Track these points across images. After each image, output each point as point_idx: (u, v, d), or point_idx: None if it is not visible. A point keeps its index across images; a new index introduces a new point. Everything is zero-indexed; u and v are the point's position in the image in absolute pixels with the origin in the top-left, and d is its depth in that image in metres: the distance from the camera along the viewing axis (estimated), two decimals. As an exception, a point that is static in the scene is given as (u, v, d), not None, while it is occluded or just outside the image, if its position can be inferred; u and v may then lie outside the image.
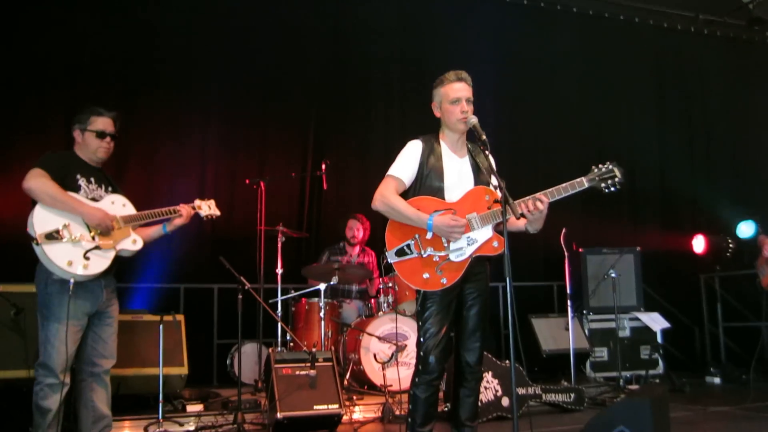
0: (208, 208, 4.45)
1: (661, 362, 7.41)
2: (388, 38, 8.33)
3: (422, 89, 8.17)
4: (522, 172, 8.25)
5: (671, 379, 6.97)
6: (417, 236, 3.58)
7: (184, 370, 5.63)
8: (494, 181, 3.55)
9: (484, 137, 3.50)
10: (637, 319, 7.45)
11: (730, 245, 8.29)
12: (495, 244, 3.59)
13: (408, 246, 3.59)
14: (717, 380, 7.44)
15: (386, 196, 3.64)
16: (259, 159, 7.34)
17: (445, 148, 3.78)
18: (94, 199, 3.98)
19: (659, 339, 7.46)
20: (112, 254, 3.94)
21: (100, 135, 4.06)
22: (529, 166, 8.58)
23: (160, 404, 4.97)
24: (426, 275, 3.55)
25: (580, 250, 7.51)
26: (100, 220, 3.87)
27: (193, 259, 7.25)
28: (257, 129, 7.50)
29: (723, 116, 9.84)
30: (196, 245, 7.22)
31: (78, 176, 3.97)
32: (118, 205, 4.08)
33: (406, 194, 3.73)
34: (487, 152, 3.52)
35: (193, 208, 4.36)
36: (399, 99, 8.38)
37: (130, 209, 4.12)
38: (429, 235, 3.57)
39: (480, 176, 3.74)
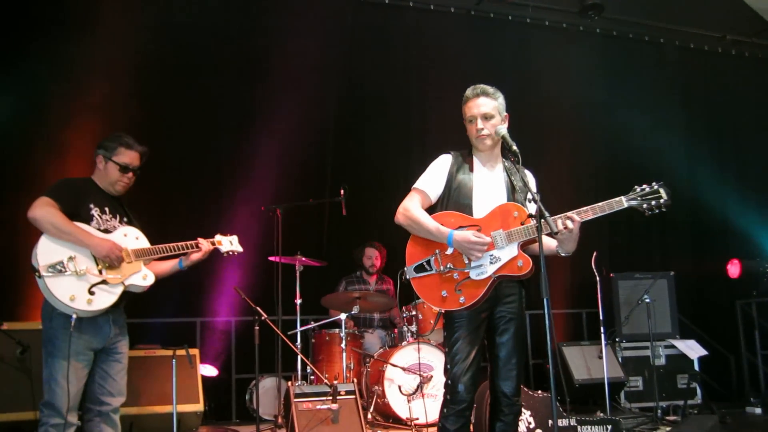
0: (229, 243, 4.28)
1: (699, 392, 7.06)
2: (405, 61, 8.17)
3: (441, 112, 8.21)
4: (546, 195, 7.97)
5: (711, 410, 6.61)
6: (437, 252, 3.43)
7: (199, 407, 5.37)
8: (529, 194, 3.33)
9: (515, 148, 3.29)
10: (673, 346, 7.12)
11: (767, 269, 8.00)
12: (520, 263, 3.36)
13: (428, 262, 3.45)
14: (758, 410, 7.04)
15: (408, 209, 3.53)
16: (275, 185, 7.13)
17: (477, 163, 3.63)
18: (106, 230, 3.80)
19: (696, 367, 7.11)
20: (119, 290, 3.73)
21: (124, 169, 3.91)
22: (554, 189, 8.32)
23: (175, 443, 4.76)
24: (444, 293, 3.38)
25: (611, 275, 7.21)
26: (108, 251, 3.68)
27: (209, 291, 7.03)
28: (271, 154, 7.31)
29: (754, 137, 9.54)
30: (211, 277, 7.01)
31: (91, 205, 3.79)
32: (130, 238, 3.89)
33: (433, 209, 3.59)
34: (518, 165, 3.31)
35: (213, 243, 4.17)
36: (418, 122, 8.20)
37: (143, 242, 3.93)
38: (449, 251, 3.41)
39: (513, 195, 3.56)
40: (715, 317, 8.54)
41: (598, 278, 6.19)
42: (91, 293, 3.60)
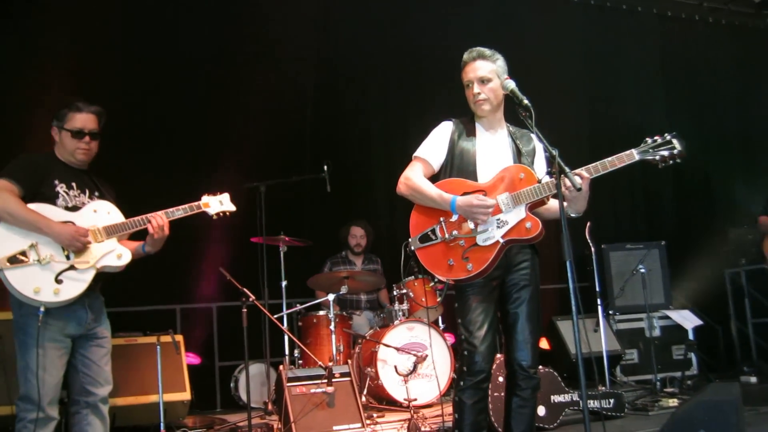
0: (219, 204, 3.84)
1: (695, 362, 6.96)
2: (385, 31, 7.89)
3: (424, 81, 7.97)
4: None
5: (709, 380, 6.50)
6: (442, 220, 3.31)
7: (186, 396, 5.07)
8: (544, 153, 3.12)
9: (526, 102, 3.09)
10: (667, 317, 7.00)
11: (756, 237, 7.91)
12: (528, 225, 3.23)
13: (432, 231, 3.33)
14: (753, 379, 6.94)
15: (409, 178, 3.42)
16: (251, 163, 6.83)
17: (479, 129, 3.50)
18: (75, 207, 3.47)
19: (691, 337, 7.00)
20: (91, 274, 3.39)
21: (78, 134, 3.54)
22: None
23: (162, 434, 4.48)
24: (451, 261, 3.26)
25: (602, 246, 7.05)
26: (71, 238, 3.33)
27: (188, 276, 6.73)
28: (248, 129, 7.01)
29: (732, 104, 9.48)
30: (190, 261, 6.71)
31: (56, 182, 3.46)
32: (101, 214, 3.54)
33: (436, 178, 3.47)
34: (530, 121, 3.08)
35: (197, 207, 3.74)
36: (399, 94, 7.98)
37: (116, 217, 3.57)
38: (454, 218, 3.30)
39: (520, 159, 3.43)
40: (702, 287, 8.45)
41: (593, 249, 6.01)
42: (59, 282, 3.28)
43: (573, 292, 2.77)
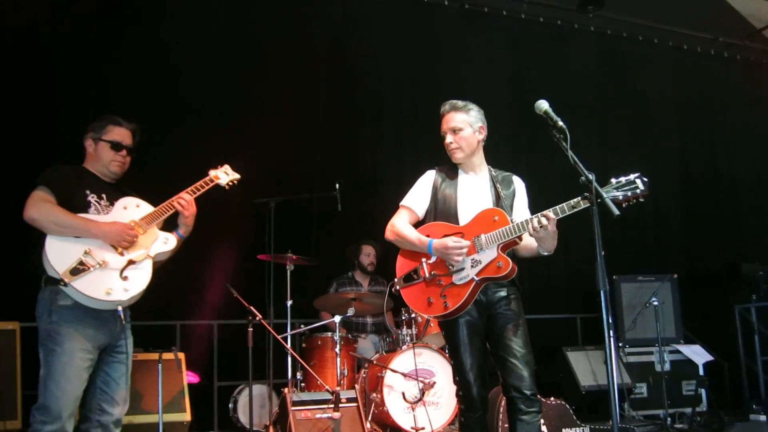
0: (225, 174, 3.91)
1: (704, 398, 6.81)
2: (398, 56, 7.85)
3: (434, 108, 7.89)
4: (538, 194, 7.77)
5: (719, 417, 6.34)
6: (423, 261, 3.57)
7: (186, 417, 4.90)
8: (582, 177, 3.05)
9: (560, 124, 3.05)
10: (678, 351, 6.87)
11: (767, 273, 7.83)
12: (499, 264, 3.41)
13: (415, 271, 3.60)
14: (762, 417, 6.81)
15: (394, 225, 3.73)
16: (260, 180, 6.71)
17: (461, 175, 3.78)
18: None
19: (701, 373, 6.86)
20: (149, 264, 3.45)
21: (116, 146, 3.59)
22: (549, 188, 8.05)
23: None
24: (430, 299, 3.52)
25: (614, 276, 6.93)
26: (119, 234, 3.36)
27: (189, 292, 6.58)
28: (256, 144, 6.91)
29: (744, 140, 9.44)
30: (192, 277, 6.56)
31: (87, 191, 3.46)
32: (131, 208, 3.56)
33: (423, 223, 3.75)
34: (565, 144, 3.03)
35: (208, 182, 3.80)
36: (410, 117, 7.88)
37: (145, 208, 3.60)
38: (433, 260, 3.55)
39: (498, 202, 3.66)
40: (711, 323, 8.34)
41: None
42: (124, 278, 3.33)
43: (606, 323, 2.65)
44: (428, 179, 3.79)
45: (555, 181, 7.81)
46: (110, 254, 3.33)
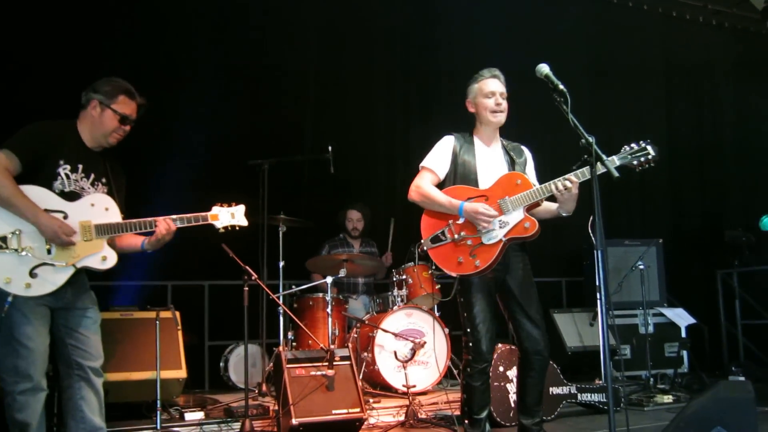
0: (230, 217, 3.61)
1: (686, 360, 6.98)
2: (390, 18, 7.81)
3: (428, 72, 7.90)
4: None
5: (701, 378, 6.52)
6: (450, 223, 3.72)
7: (182, 374, 4.95)
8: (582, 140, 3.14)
9: (561, 87, 3.11)
10: (661, 314, 7.01)
11: (750, 240, 7.96)
12: (527, 225, 3.64)
13: (442, 233, 3.73)
14: (741, 379, 6.98)
15: (421, 187, 3.82)
16: (253, 139, 6.72)
17: (477, 142, 3.93)
18: (73, 193, 3.29)
19: (683, 335, 7.01)
20: (68, 273, 3.23)
21: (124, 120, 3.41)
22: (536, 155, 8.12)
23: (158, 412, 4.37)
24: (460, 259, 3.67)
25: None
26: (54, 233, 3.16)
27: (182, 252, 6.59)
28: (247, 106, 6.90)
29: (731, 107, 9.51)
30: (184, 237, 6.56)
31: (61, 162, 3.28)
32: (98, 209, 3.35)
33: (442, 186, 3.88)
34: (566, 107, 3.11)
35: (205, 218, 3.56)
36: (402, 79, 7.90)
37: (112, 215, 3.37)
38: (461, 221, 3.70)
39: (514, 167, 3.87)
40: (692, 287, 8.51)
41: (596, 244, 5.97)
42: (33, 276, 3.13)
43: (602, 283, 2.74)
44: (448, 144, 3.90)
45: (548, 147, 7.88)
46: (38, 246, 3.18)
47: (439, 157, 3.88)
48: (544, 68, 3.19)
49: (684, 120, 9.26)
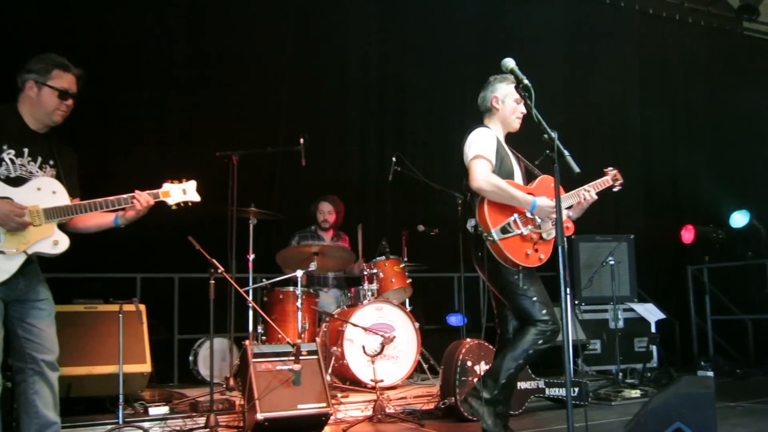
0: (181, 193, 3.57)
1: (655, 355, 7.02)
2: (365, 8, 7.78)
3: (400, 63, 7.87)
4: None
5: (669, 373, 6.56)
6: (516, 215, 3.76)
7: (146, 368, 4.87)
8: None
9: (525, 82, 3.06)
10: (631, 309, 7.04)
11: (720, 236, 8.02)
12: (568, 225, 3.94)
13: (508, 224, 3.74)
14: (710, 374, 7.04)
15: (491, 177, 3.74)
16: (225, 130, 6.65)
17: (501, 140, 3.98)
18: (19, 179, 3.19)
19: (653, 330, 7.05)
20: (19, 260, 3.13)
21: (63, 95, 3.29)
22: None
23: (120, 407, 4.30)
24: (528, 251, 3.76)
25: (572, 236, 7.04)
26: (5, 217, 3.07)
27: (151, 244, 6.53)
28: (222, 96, 6.83)
29: (704, 104, 9.59)
30: (154, 229, 6.49)
31: (5, 146, 3.18)
32: (45, 193, 3.25)
33: None
34: (530, 102, 3.07)
35: (156, 195, 3.48)
36: (377, 71, 7.85)
37: (60, 198, 3.28)
38: (528, 215, 3.79)
39: (520, 165, 4.04)
40: (664, 282, 8.57)
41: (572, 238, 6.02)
42: None
43: (563, 278, 2.71)
44: (493, 137, 3.87)
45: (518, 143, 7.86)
46: None
47: (492, 148, 3.82)
48: (509, 63, 3.16)
49: (658, 117, 9.31)
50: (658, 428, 3.06)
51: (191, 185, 3.65)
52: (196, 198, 3.65)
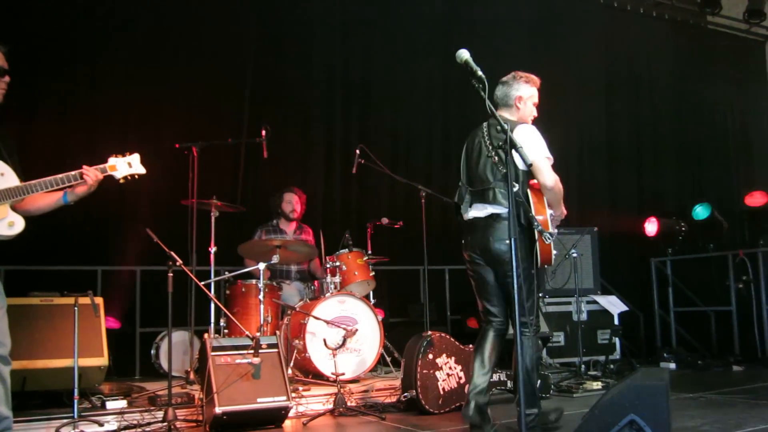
0: (127, 166, 3.57)
1: (618, 347, 7.08)
2: (330, 7, 7.74)
3: (365, 55, 7.82)
4: (458, 155, 7.93)
5: (631, 364, 6.63)
6: (550, 214, 3.91)
7: (103, 361, 4.81)
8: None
9: (480, 73, 3.02)
10: (595, 302, 7.09)
11: (683, 228, 8.11)
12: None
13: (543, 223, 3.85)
14: (672, 365, 7.13)
15: (558, 180, 3.83)
16: (188, 121, 6.57)
17: None
18: None
19: (616, 322, 7.11)
20: None
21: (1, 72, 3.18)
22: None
23: (75, 401, 4.22)
24: (555, 252, 3.89)
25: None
26: None
27: (112, 236, 6.44)
28: (185, 87, 6.74)
29: (670, 98, 9.70)
30: (114, 221, 6.42)
31: None
32: None
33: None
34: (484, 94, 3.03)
35: (104, 170, 3.46)
36: (341, 63, 7.82)
37: (10, 180, 3.22)
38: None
39: None
40: (628, 274, 8.65)
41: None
42: None
43: (515, 272, 2.70)
44: None
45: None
46: None
47: None
48: (464, 54, 3.12)
49: (623, 109, 9.39)
50: (612, 420, 3.06)
51: (135, 158, 3.65)
52: (142, 170, 3.66)
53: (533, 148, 3.76)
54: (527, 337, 3.83)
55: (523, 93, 4.05)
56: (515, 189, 3.69)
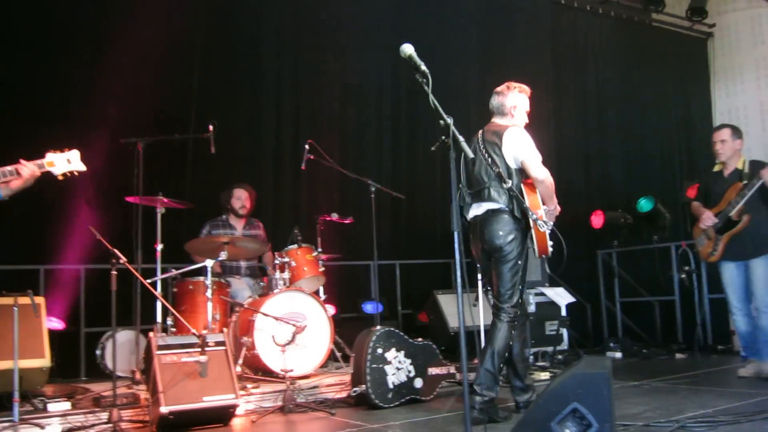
0: (66, 163, 3.54)
1: (566, 338, 7.19)
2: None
3: (315, 50, 7.78)
4: (408, 151, 8.05)
5: (579, 355, 6.74)
6: (543, 209, 4.23)
7: (45, 362, 4.70)
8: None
9: (423, 68, 3.02)
10: (542, 294, 7.19)
11: (628, 220, 8.27)
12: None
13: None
14: (618, 354, 7.29)
15: (548, 173, 4.25)
16: (131, 117, 6.43)
17: None
18: None
19: (563, 314, 7.22)
20: None
21: None
22: (416, 140, 8.16)
23: (16, 404, 4.11)
24: (550, 243, 4.25)
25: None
26: None
27: (54, 235, 6.29)
28: (130, 81, 6.60)
29: (616, 93, 9.86)
30: (58, 219, 6.27)
31: None
32: None
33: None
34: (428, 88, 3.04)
35: (41, 165, 3.43)
36: (290, 58, 7.75)
37: None
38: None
39: None
40: (574, 266, 8.77)
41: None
42: None
43: (458, 264, 2.72)
44: None
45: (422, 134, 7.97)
46: None
47: None
48: (407, 49, 3.11)
49: (570, 104, 9.51)
50: (556, 409, 3.10)
51: (75, 154, 3.62)
52: (82, 167, 3.64)
53: (523, 147, 4.18)
54: (502, 322, 4.18)
55: (517, 102, 4.36)
56: (509, 185, 4.10)
